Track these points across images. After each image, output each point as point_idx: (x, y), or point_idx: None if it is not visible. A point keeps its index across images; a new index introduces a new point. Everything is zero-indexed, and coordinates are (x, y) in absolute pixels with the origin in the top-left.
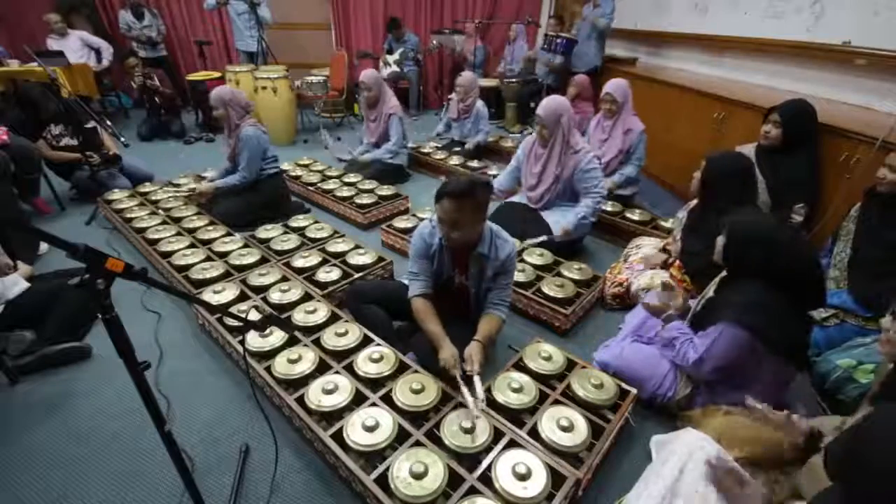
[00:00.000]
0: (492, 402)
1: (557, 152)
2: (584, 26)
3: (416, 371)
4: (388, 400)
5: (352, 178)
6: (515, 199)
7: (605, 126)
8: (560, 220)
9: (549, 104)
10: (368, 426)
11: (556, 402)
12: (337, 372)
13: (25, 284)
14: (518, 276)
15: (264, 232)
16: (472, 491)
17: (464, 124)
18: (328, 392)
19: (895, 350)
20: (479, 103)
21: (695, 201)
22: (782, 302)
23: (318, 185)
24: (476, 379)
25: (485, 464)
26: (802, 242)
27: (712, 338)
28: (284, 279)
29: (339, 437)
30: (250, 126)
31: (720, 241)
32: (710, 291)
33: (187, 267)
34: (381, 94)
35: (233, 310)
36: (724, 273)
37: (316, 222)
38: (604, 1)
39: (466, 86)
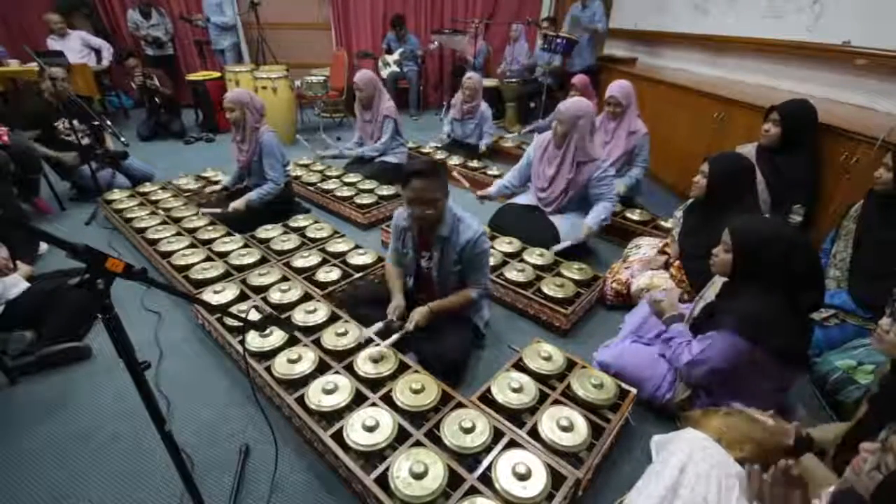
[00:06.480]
0: (492, 402)
1: (571, 157)
2: (576, 29)
3: (416, 371)
4: (388, 400)
5: (352, 177)
6: (522, 199)
7: (608, 128)
8: (569, 228)
9: (570, 103)
10: (368, 426)
11: (556, 402)
12: (337, 372)
13: (25, 284)
14: (518, 276)
15: (264, 232)
16: (472, 491)
17: (466, 125)
18: (328, 392)
19: (888, 348)
20: (484, 105)
21: (690, 201)
22: (785, 307)
23: (318, 185)
24: (397, 334)
25: (485, 464)
26: (807, 242)
27: (708, 342)
28: (284, 279)
29: (339, 437)
30: (269, 132)
31: (725, 255)
32: (709, 294)
33: (187, 267)
34: (376, 94)
35: (233, 310)
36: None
37: (316, 222)
38: (592, 2)
39: (474, 87)
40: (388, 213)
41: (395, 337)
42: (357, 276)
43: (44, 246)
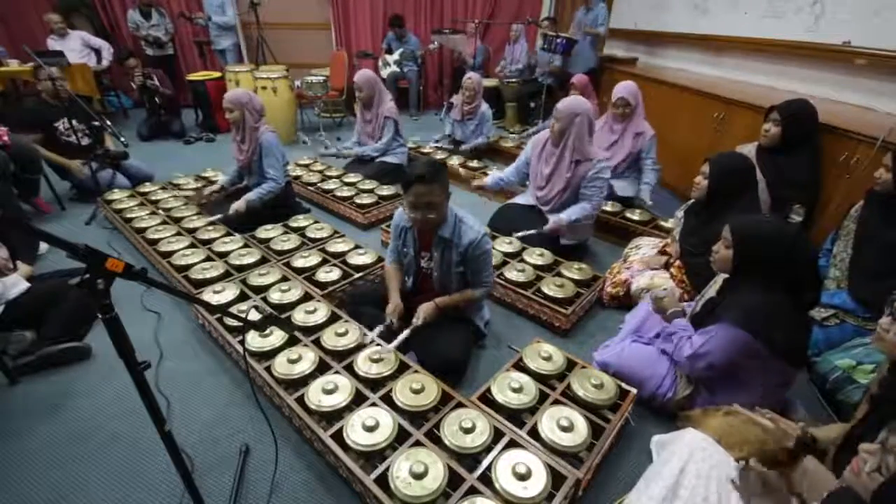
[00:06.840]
0: (492, 402)
1: (569, 155)
2: (578, 32)
3: (416, 371)
4: (388, 400)
5: (352, 178)
6: (520, 200)
7: (614, 128)
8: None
9: (568, 101)
10: (368, 426)
11: (556, 402)
12: (337, 372)
13: (26, 285)
14: (518, 276)
15: (264, 232)
16: (472, 491)
17: (466, 126)
18: (328, 392)
19: (888, 347)
20: (484, 106)
21: (691, 201)
22: (785, 304)
23: (318, 185)
24: (403, 333)
25: (485, 464)
26: (806, 240)
27: (710, 335)
28: (284, 279)
29: (339, 437)
30: (270, 132)
31: (725, 252)
32: (710, 292)
33: (187, 267)
34: (377, 94)
35: (233, 310)
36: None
37: (316, 222)
38: (596, 5)
39: (474, 88)
40: (388, 213)
41: (401, 337)
42: (357, 276)
43: (44, 246)
